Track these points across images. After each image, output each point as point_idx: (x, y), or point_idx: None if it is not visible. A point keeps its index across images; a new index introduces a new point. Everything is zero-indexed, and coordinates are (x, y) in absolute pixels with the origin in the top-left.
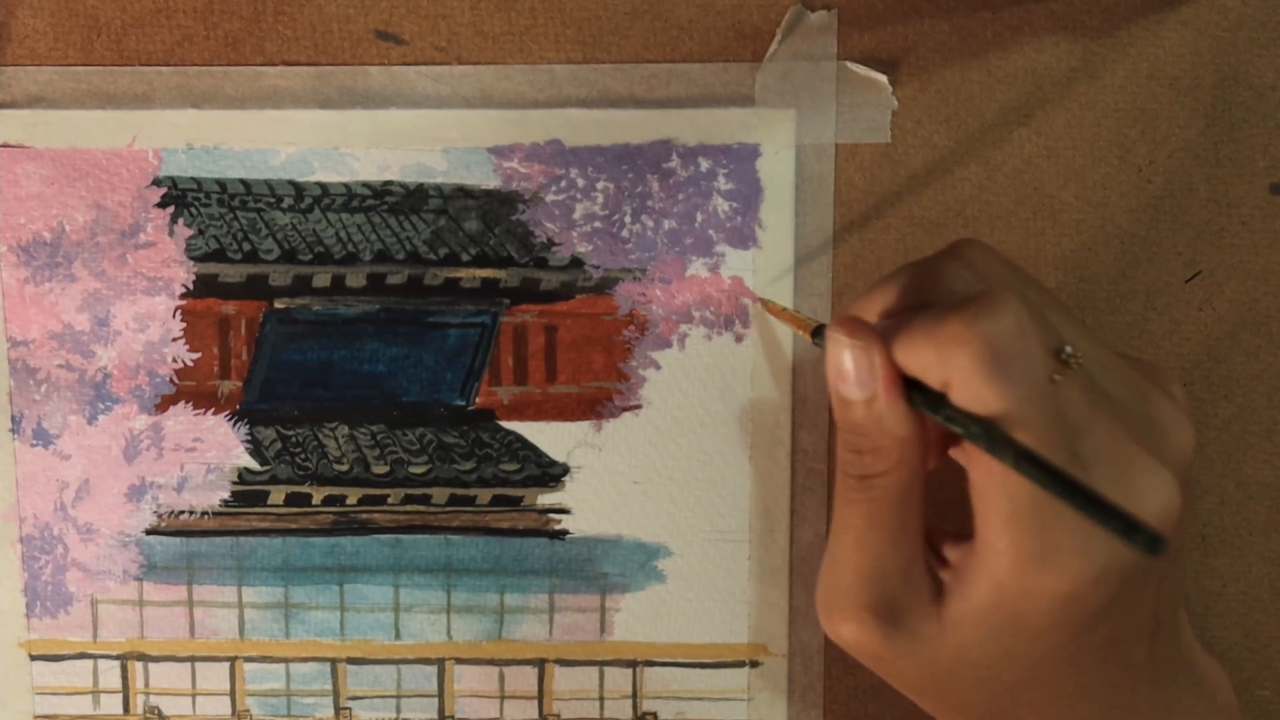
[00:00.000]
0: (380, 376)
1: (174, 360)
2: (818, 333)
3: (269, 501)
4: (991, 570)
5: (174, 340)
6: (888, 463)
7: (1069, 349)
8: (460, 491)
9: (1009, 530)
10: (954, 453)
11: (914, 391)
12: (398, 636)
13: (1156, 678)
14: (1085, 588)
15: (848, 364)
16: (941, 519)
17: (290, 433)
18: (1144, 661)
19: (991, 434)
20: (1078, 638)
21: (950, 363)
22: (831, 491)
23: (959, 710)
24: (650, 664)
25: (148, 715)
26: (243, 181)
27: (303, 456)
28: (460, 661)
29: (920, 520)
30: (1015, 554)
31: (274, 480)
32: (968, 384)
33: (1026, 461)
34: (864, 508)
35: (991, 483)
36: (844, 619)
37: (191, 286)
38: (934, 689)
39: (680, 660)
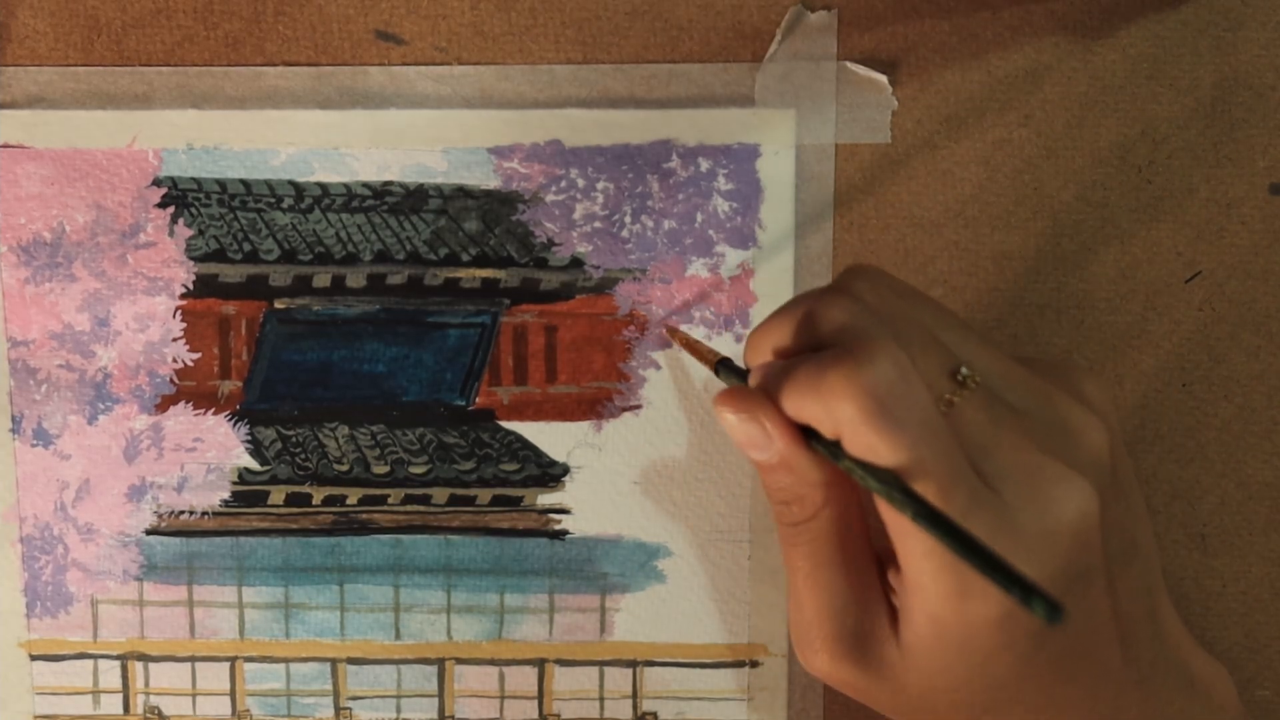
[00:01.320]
0: (380, 376)
1: (174, 360)
2: (721, 365)
3: (269, 501)
4: (923, 605)
5: (174, 340)
6: (813, 507)
7: (964, 370)
8: (460, 491)
9: (927, 566)
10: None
11: (814, 439)
12: (398, 636)
13: (1142, 680)
14: (1015, 608)
15: (741, 435)
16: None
17: (290, 433)
18: (1121, 665)
19: (890, 486)
20: (1030, 654)
21: (836, 415)
22: None
23: None
24: (650, 664)
25: (148, 715)
26: (243, 182)
27: (303, 456)
28: (460, 661)
29: (867, 548)
30: (938, 589)
31: (274, 480)
32: (857, 435)
33: (925, 518)
34: (805, 549)
35: (903, 520)
36: (814, 654)
37: (192, 286)
38: (912, 713)
39: (680, 660)
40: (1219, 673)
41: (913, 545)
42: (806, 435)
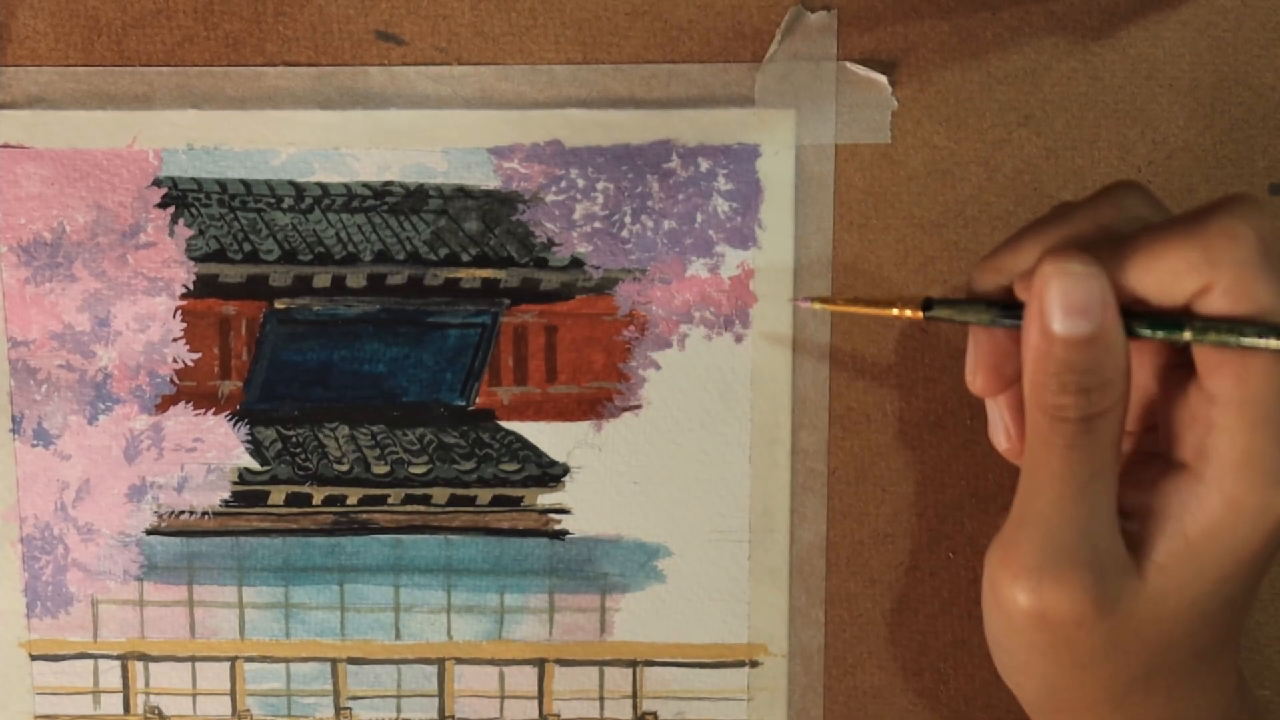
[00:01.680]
0: (380, 376)
1: (174, 360)
2: (929, 305)
3: (269, 501)
4: (1228, 488)
5: (174, 340)
6: (1116, 395)
7: None
8: (460, 491)
9: (1254, 443)
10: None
11: (1137, 318)
12: (398, 636)
13: (1238, 642)
14: None
15: (1078, 294)
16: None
17: (290, 433)
18: (1242, 623)
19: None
20: (1256, 576)
21: (1222, 260)
22: (830, 489)
23: (1110, 682)
24: (650, 664)
25: (148, 715)
26: (243, 182)
27: (303, 456)
28: (460, 661)
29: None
30: (1257, 465)
31: (274, 480)
32: (1240, 280)
33: None
34: (1087, 452)
35: (1238, 390)
36: (1052, 582)
37: (192, 287)
38: (1103, 657)
39: (680, 660)
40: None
41: (1242, 420)
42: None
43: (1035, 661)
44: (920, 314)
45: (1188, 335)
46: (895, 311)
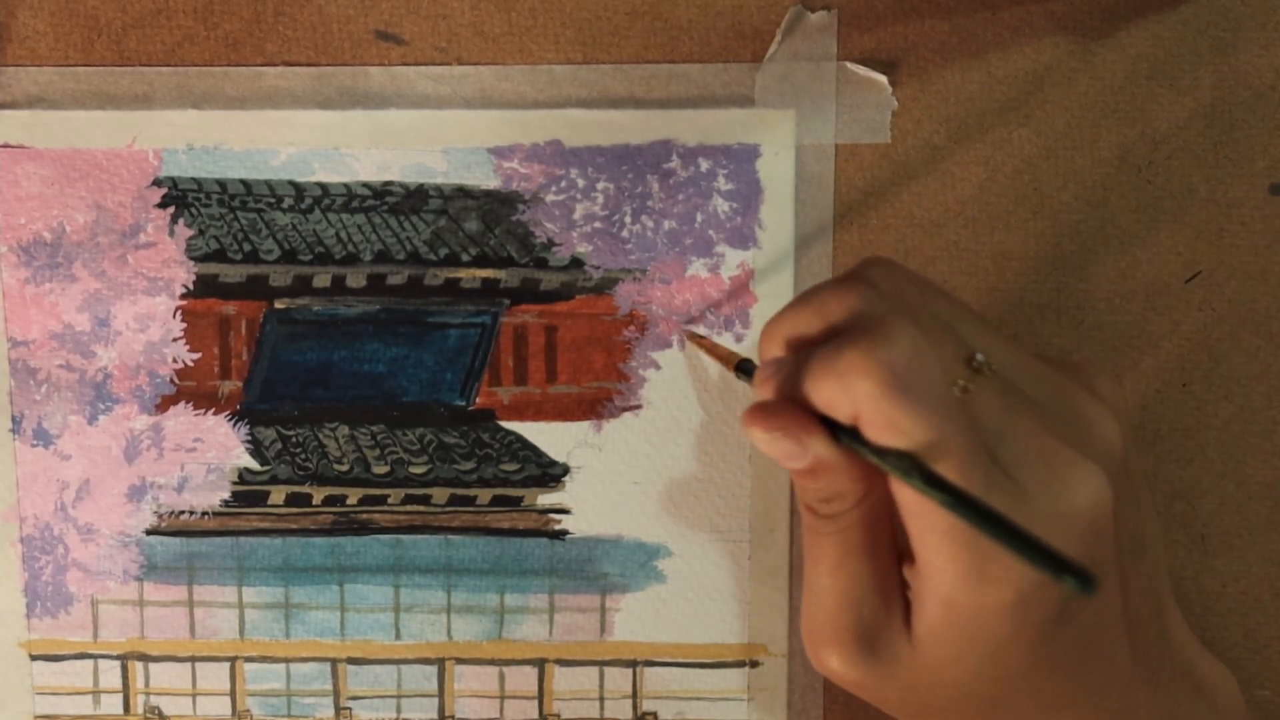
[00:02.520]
0: (380, 376)
1: (174, 360)
2: (741, 367)
3: (269, 501)
4: (937, 590)
5: (174, 340)
6: (853, 499)
7: (980, 356)
8: (460, 491)
9: (944, 549)
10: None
11: (838, 431)
12: (398, 636)
13: (1149, 679)
14: (1031, 593)
15: (776, 450)
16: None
17: (290, 433)
18: (1130, 663)
19: (910, 468)
20: (1040, 645)
21: (854, 392)
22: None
23: None
24: (650, 664)
25: (148, 715)
26: (243, 182)
27: (303, 456)
28: (460, 661)
29: (891, 540)
30: (954, 571)
31: (274, 480)
32: (876, 411)
33: (948, 497)
34: (835, 539)
35: (921, 504)
36: (827, 648)
37: (192, 287)
38: (917, 711)
39: (680, 660)
40: (1224, 676)
41: (929, 528)
42: (832, 429)
43: (879, 708)
44: (734, 371)
45: (865, 454)
46: (722, 364)
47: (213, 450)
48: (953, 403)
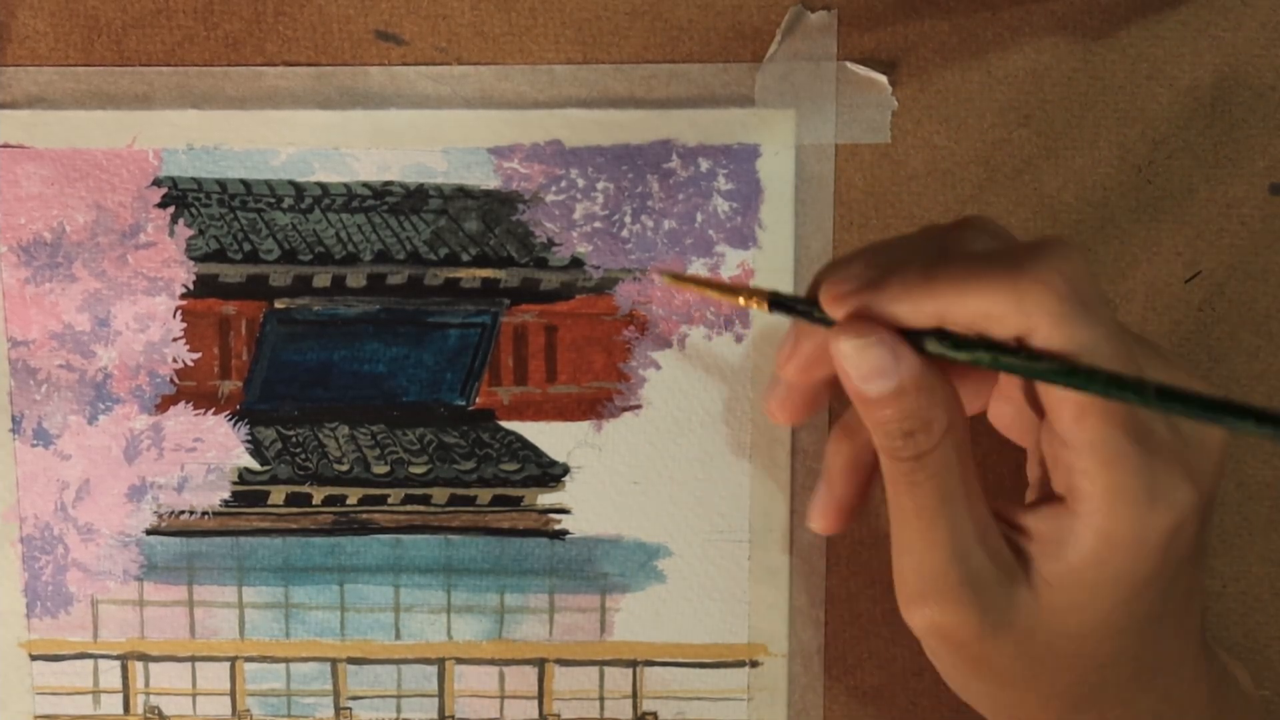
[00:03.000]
0: (380, 376)
1: (174, 360)
2: (778, 300)
3: (269, 501)
4: (1098, 522)
5: (174, 340)
6: (940, 430)
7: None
8: (460, 491)
9: (1111, 477)
10: (993, 416)
11: (983, 349)
12: (398, 636)
13: (1202, 651)
14: (1187, 519)
15: (867, 363)
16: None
17: (290, 433)
18: (1195, 630)
19: (1113, 378)
20: (1169, 587)
21: (1037, 307)
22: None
23: (1048, 699)
24: (650, 664)
25: (148, 715)
26: (243, 182)
27: (303, 456)
28: (460, 661)
29: (980, 482)
30: (1123, 499)
31: (274, 480)
32: (1060, 327)
33: (1164, 394)
34: (929, 485)
35: (1081, 432)
36: (936, 604)
37: (192, 286)
38: (1025, 672)
39: (680, 660)
40: (1239, 667)
41: (1092, 456)
42: (916, 344)
43: (969, 682)
44: (766, 307)
45: (1034, 374)
46: (742, 300)
47: (213, 450)
48: (1119, 326)
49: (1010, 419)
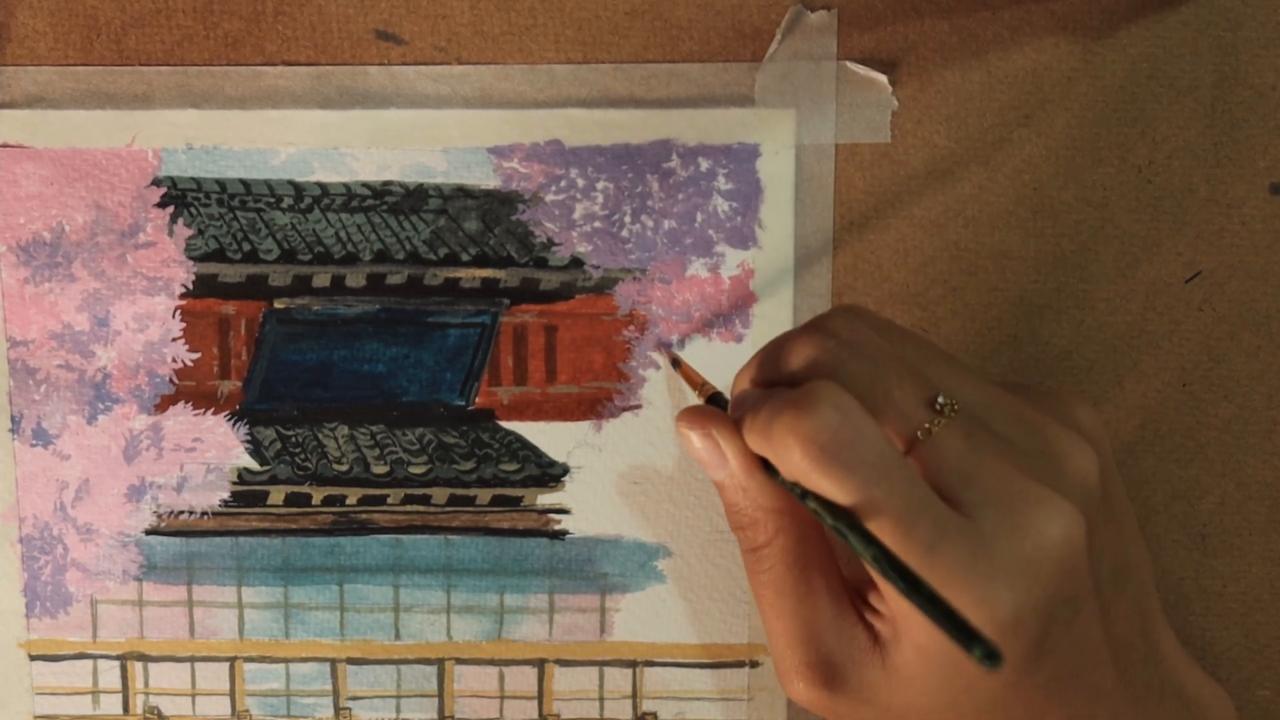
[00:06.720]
0: (380, 376)
1: (174, 360)
2: (712, 400)
3: (269, 501)
4: (908, 633)
5: (174, 340)
6: (769, 532)
7: (942, 399)
8: (460, 491)
9: (904, 602)
10: None
11: (778, 473)
12: (398, 636)
13: (1137, 701)
14: (1001, 633)
15: (699, 453)
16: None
17: (290, 433)
18: (1116, 686)
19: (846, 525)
20: (1017, 680)
21: (788, 461)
22: None
23: None
24: (650, 664)
25: (147, 715)
26: (243, 181)
27: (302, 456)
28: (460, 661)
29: (832, 573)
30: (917, 619)
31: (274, 480)
32: (809, 480)
33: (875, 557)
34: (766, 577)
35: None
36: (791, 681)
37: (191, 286)
38: None
39: (680, 660)
40: (1217, 695)
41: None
42: (769, 466)
43: None
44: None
45: (808, 505)
46: (698, 393)
47: (212, 450)
48: (890, 462)
49: None
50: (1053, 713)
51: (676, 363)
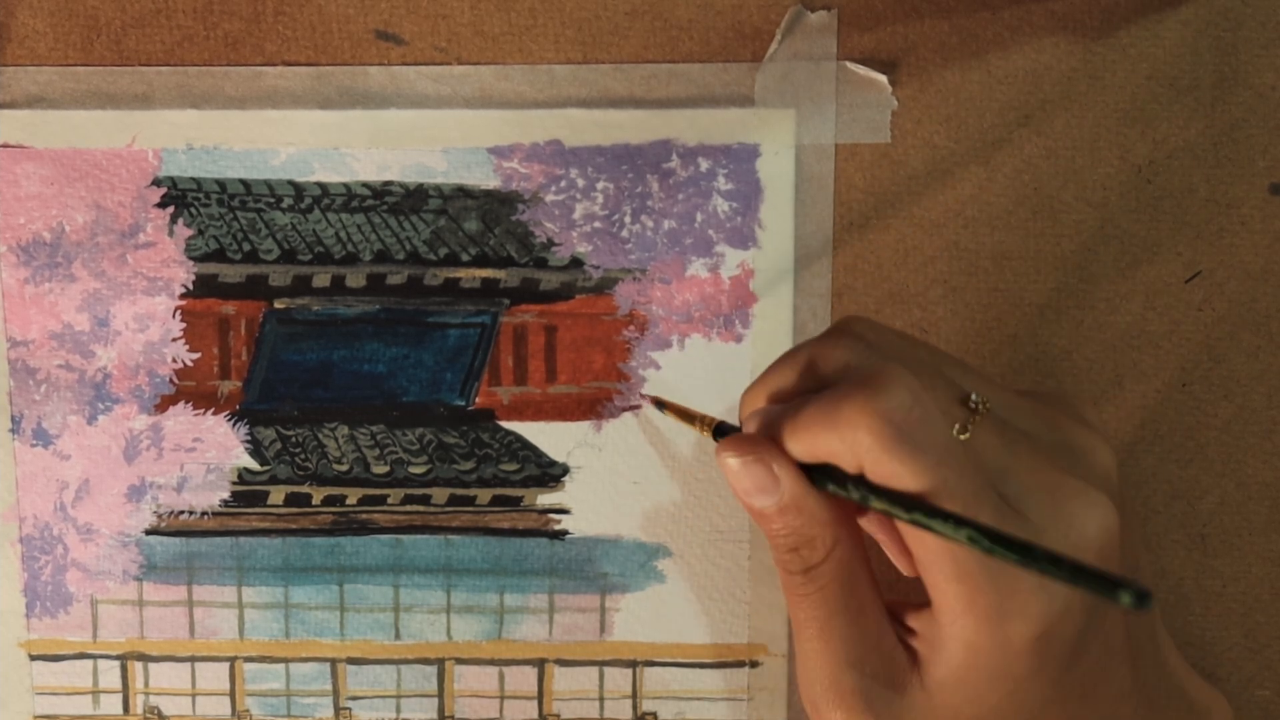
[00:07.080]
0: (380, 376)
1: (174, 360)
2: (718, 430)
3: (269, 501)
4: (959, 633)
5: (174, 340)
6: (825, 548)
7: (975, 397)
8: (460, 491)
9: (962, 592)
10: (865, 524)
11: (823, 480)
12: (398, 636)
13: (1150, 701)
14: (1054, 625)
15: (748, 480)
16: (893, 589)
17: (290, 433)
18: (1132, 688)
19: (921, 512)
20: (1060, 677)
21: (857, 447)
22: None
23: None
24: (650, 664)
25: (147, 715)
26: (243, 181)
27: (303, 456)
28: (460, 661)
29: (875, 592)
30: (975, 613)
31: (274, 480)
32: (879, 464)
33: (974, 534)
34: (818, 597)
35: (930, 550)
36: (832, 711)
37: (191, 286)
38: None
39: (680, 660)
40: (1216, 699)
41: (942, 574)
42: (812, 477)
43: None
44: (710, 434)
45: (872, 505)
46: (697, 427)
47: (212, 450)
48: (956, 447)
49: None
50: (1083, 714)
51: (661, 405)
